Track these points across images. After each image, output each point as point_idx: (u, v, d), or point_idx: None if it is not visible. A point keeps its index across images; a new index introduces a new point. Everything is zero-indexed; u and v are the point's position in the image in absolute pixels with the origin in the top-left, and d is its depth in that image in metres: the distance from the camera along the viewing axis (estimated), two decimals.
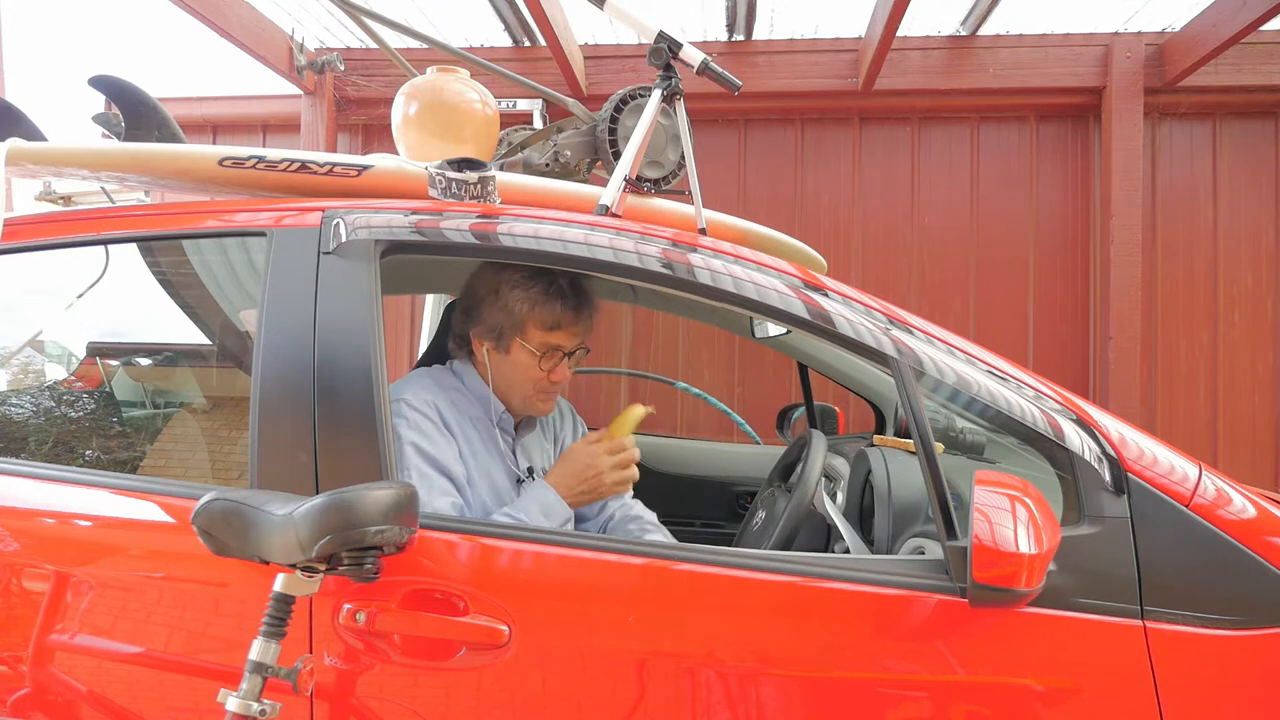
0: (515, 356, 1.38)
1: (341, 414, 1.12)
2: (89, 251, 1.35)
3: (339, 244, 1.19)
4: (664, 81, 1.48)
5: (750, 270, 1.18)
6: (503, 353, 1.39)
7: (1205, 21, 2.99)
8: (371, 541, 0.95)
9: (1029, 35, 3.36)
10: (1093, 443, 1.08)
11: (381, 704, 1.06)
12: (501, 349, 1.39)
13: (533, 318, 1.36)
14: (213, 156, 1.33)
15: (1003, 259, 3.54)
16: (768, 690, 1.02)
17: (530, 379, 1.39)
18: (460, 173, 1.27)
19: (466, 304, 1.42)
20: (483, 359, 1.40)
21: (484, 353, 1.39)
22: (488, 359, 1.40)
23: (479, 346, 1.40)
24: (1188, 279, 3.46)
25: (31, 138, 1.43)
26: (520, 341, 1.37)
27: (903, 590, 1.03)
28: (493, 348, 1.39)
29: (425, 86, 1.67)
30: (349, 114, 3.71)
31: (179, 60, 3.66)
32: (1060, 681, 1.00)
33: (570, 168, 1.70)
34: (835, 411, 2.45)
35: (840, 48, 3.41)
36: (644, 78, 3.33)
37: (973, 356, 1.15)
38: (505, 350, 1.39)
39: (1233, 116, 3.43)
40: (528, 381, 1.40)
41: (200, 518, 0.96)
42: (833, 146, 3.62)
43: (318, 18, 3.39)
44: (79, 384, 1.53)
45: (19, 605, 1.14)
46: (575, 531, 1.20)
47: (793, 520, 1.29)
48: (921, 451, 1.05)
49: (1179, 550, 1.03)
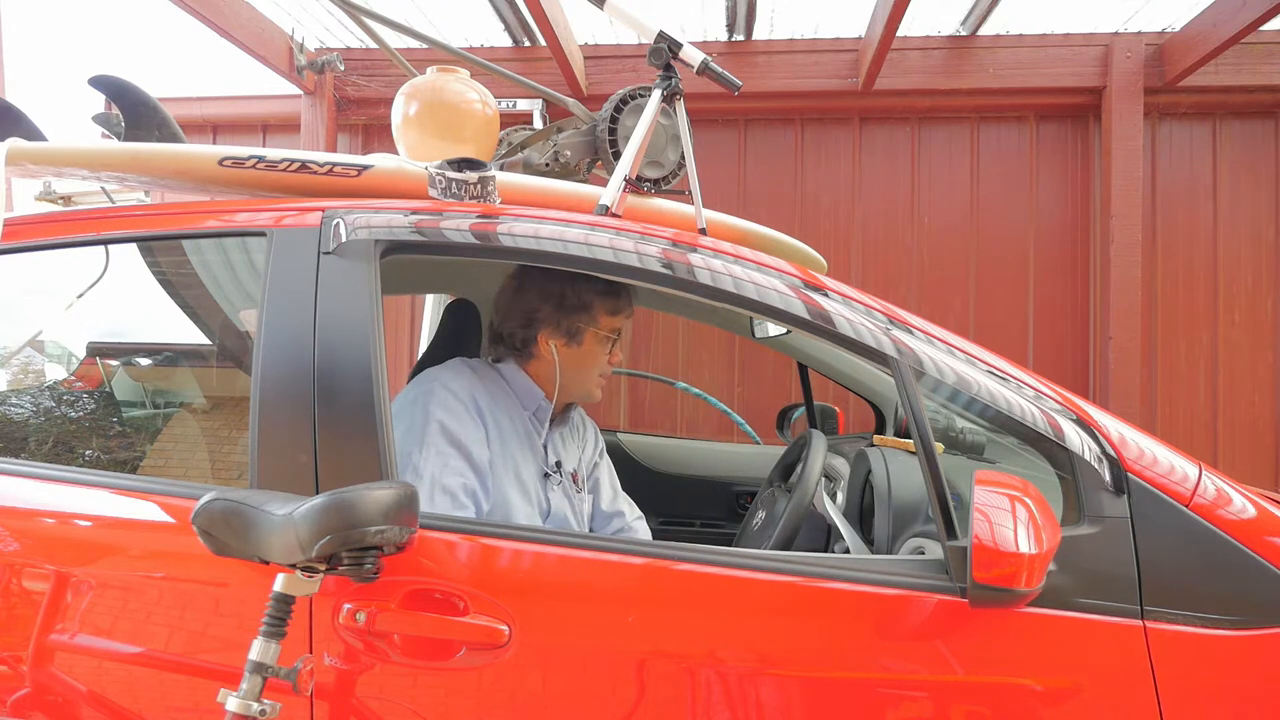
0: (588, 347, 1.47)
1: (341, 414, 1.12)
2: (89, 251, 1.35)
3: (339, 244, 1.19)
4: (664, 81, 1.48)
5: (750, 270, 1.18)
6: (575, 346, 1.46)
7: (1205, 21, 2.99)
8: (371, 541, 0.95)
9: (1029, 35, 3.36)
10: (1093, 443, 1.08)
11: (381, 704, 1.05)
12: (575, 343, 1.46)
13: (604, 306, 1.45)
14: (213, 156, 1.33)
15: (1003, 259, 3.54)
16: (768, 690, 1.02)
17: (598, 365, 1.49)
18: (460, 173, 1.27)
19: (525, 311, 1.46)
20: (550, 356, 1.45)
21: (552, 350, 1.45)
22: (557, 355, 1.45)
23: (546, 345, 1.45)
24: (1188, 279, 3.46)
25: (31, 138, 1.43)
26: (594, 331, 1.45)
27: (903, 590, 1.03)
28: (563, 343, 1.45)
29: (425, 86, 1.67)
30: (349, 114, 3.71)
31: (179, 60, 3.66)
32: (1060, 681, 1.00)
33: (570, 168, 1.70)
34: (835, 411, 2.45)
35: (840, 48, 3.41)
36: (644, 78, 3.34)
37: (973, 356, 1.15)
38: (579, 343, 1.46)
39: (1233, 116, 3.43)
40: (595, 368, 1.50)
41: (200, 518, 0.96)
42: (833, 146, 3.62)
43: (318, 18, 3.39)
44: (79, 384, 1.52)
45: (19, 605, 1.14)
46: (575, 531, 1.20)
47: (793, 520, 1.29)
48: (921, 451, 1.05)
49: (1179, 550, 1.03)
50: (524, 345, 1.47)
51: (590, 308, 1.44)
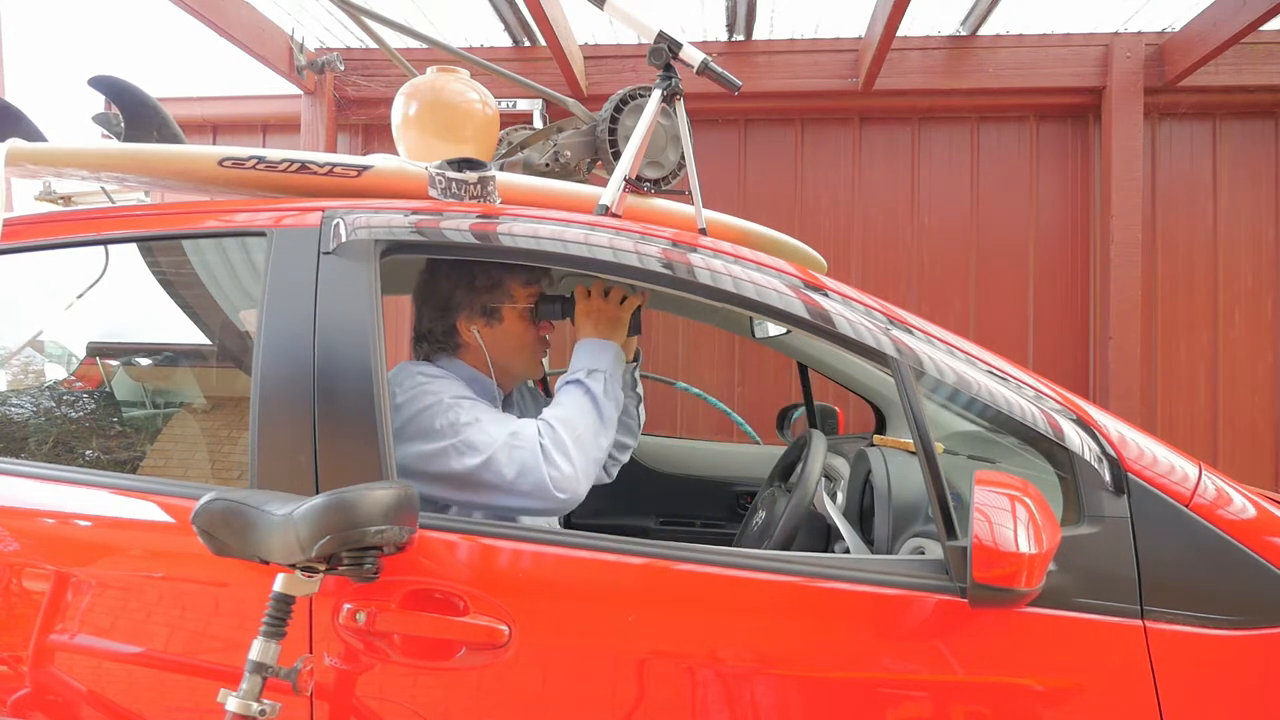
0: (510, 324, 1.43)
1: (341, 414, 1.12)
2: (89, 251, 1.35)
3: (339, 244, 1.19)
4: (664, 81, 1.48)
5: (750, 270, 1.18)
6: (497, 324, 1.43)
7: (1205, 21, 2.99)
8: (371, 541, 0.95)
9: (1029, 35, 3.36)
10: (1093, 442, 1.08)
11: (381, 704, 1.05)
12: (495, 322, 1.42)
13: (516, 279, 1.42)
14: (213, 157, 1.33)
15: (1003, 259, 3.54)
16: (768, 690, 1.02)
17: (528, 340, 1.46)
18: (460, 173, 1.27)
19: (439, 301, 1.43)
20: (475, 341, 1.42)
21: (475, 334, 1.41)
22: (481, 339, 1.42)
23: (468, 331, 1.42)
24: (1188, 279, 3.46)
25: (31, 138, 1.43)
26: (511, 306, 1.42)
27: (903, 590, 1.03)
28: (484, 325, 1.42)
29: (425, 86, 1.67)
30: (349, 114, 3.71)
31: (179, 60, 3.66)
32: (1060, 681, 1.00)
33: (570, 168, 1.69)
34: (835, 411, 2.45)
35: (840, 48, 3.41)
36: (644, 78, 3.33)
37: (973, 356, 1.15)
38: (499, 321, 1.43)
39: (1233, 116, 3.43)
40: (526, 345, 1.46)
41: (200, 518, 0.96)
42: (833, 146, 3.62)
43: (318, 18, 3.39)
44: (79, 384, 1.52)
45: (19, 605, 1.14)
46: (575, 531, 1.20)
47: (793, 520, 1.29)
48: (921, 451, 1.05)
49: (1179, 550, 1.03)
50: (446, 336, 1.43)
51: (501, 284, 1.41)
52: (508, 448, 1.21)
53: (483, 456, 1.20)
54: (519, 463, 1.20)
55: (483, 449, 1.21)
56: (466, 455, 1.21)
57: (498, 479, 1.20)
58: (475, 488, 1.21)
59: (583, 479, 1.24)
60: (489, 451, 1.20)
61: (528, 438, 1.22)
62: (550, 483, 1.20)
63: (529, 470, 1.20)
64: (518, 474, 1.20)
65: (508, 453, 1.20)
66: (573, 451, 1.23)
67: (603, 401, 1.32)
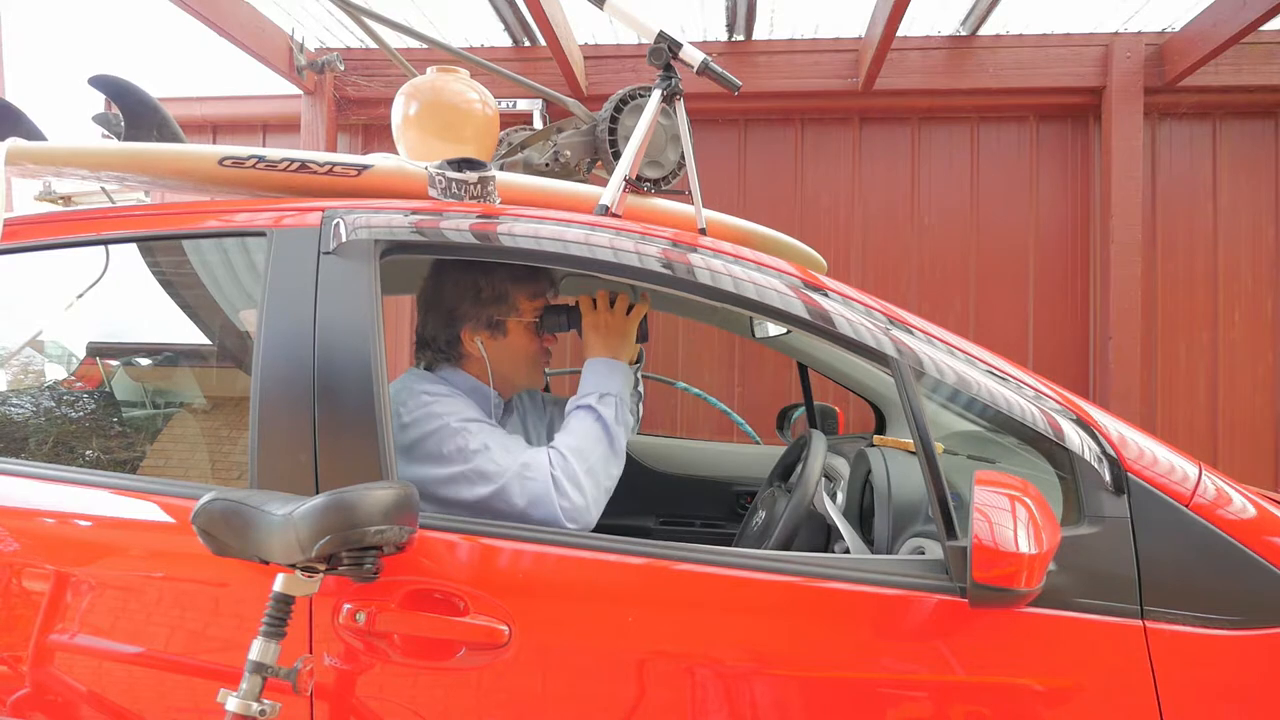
0: (514, 337, 1.43)
1: (341, 414, 1.12)
2: (89, 251, 1.35)
3: (339, 244, 1.19)
4: (664, 81, 1.48)
5: (750, 270, 1.18)
6: (501, 337, 1.42)
7: (1205, 21, 2.99)
8: (371, 541, 0.95)
9: (1029, 35, 3.36)
10: (1093, 442, 1.08)
11: (381, 704, 1.06)
12: (499, 334, 1.42)
13: (522, 292, 1.42)
14: (213, 156, 1.33)
15: (1003, 259, 3.54)
16: (767, 690, 1.02)
17: (531, 352, 1.46)
18: (460, 173, 1.27)
19: (444, 310, 1.43)
20: (478, 352, 1.42)
21: (479, 345, 1.41)
22: (484, 350, 1.42)
23: (472, 342, 1.41)
24: (1188, 279, 3.46)
25: (31, 138, 1.43)
26: (516, 319, 1.42)
27: (903, 590, 1.03)
28: (488, 337, 1.42)
29: (425, 86, 1.67)
30: (349, 114, 3.71)
31: (179, 60, 3.66)
32: (1060, 681, 1.00)
33: (570, 168, 1.69)
34: (835, 411, 2.45)
35: (840, 48, 3.41)
36: (644, 78, 3.34)
37: (973, 356, 1.15)
38: (504, 334, 1.43)
39: (1233, 116, 3.43)
40: (529, 357, 1.46)
41: (200, 518, 0.96)
42: (833, 146, 3.62)
43: (318, 18, 3.39)
44: (79, 384, 1.52)
45: (19, 605, 1.14)
46: (575, 532, 1.20)
47: (793, 520, 1.29)
48: (921, 451, 1.05)
49: (1179, 550, 1.03)
50: (449, 346, 1.43)
51: (507, 296, 1.41)
52: (519, 478, 1.21)
53: (494, 486, 1.21)
54: (531, 494, 1.20)
55: (494, 479, 1.21)
56: (478, 485, 1.21)
57: (509, 509, 1.21)
58: (486, 515, 1.21)
59: (593, 509, 1.25)
60: (500, 482, 1.21)
61: (539, 467, 1.22)
62: (562, 514, 1.20)
63: (540, 502, 1.20)
64: (529, 504, 1.20)
65: (520, 484, 1.21)
66: (584, 481, 1.24)
67: (614, 428, 1.32)
